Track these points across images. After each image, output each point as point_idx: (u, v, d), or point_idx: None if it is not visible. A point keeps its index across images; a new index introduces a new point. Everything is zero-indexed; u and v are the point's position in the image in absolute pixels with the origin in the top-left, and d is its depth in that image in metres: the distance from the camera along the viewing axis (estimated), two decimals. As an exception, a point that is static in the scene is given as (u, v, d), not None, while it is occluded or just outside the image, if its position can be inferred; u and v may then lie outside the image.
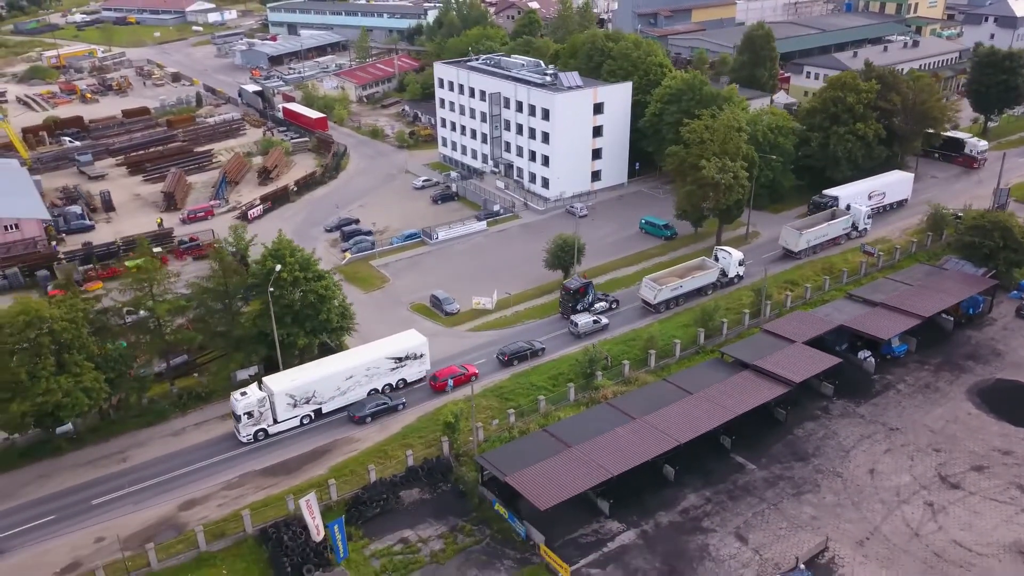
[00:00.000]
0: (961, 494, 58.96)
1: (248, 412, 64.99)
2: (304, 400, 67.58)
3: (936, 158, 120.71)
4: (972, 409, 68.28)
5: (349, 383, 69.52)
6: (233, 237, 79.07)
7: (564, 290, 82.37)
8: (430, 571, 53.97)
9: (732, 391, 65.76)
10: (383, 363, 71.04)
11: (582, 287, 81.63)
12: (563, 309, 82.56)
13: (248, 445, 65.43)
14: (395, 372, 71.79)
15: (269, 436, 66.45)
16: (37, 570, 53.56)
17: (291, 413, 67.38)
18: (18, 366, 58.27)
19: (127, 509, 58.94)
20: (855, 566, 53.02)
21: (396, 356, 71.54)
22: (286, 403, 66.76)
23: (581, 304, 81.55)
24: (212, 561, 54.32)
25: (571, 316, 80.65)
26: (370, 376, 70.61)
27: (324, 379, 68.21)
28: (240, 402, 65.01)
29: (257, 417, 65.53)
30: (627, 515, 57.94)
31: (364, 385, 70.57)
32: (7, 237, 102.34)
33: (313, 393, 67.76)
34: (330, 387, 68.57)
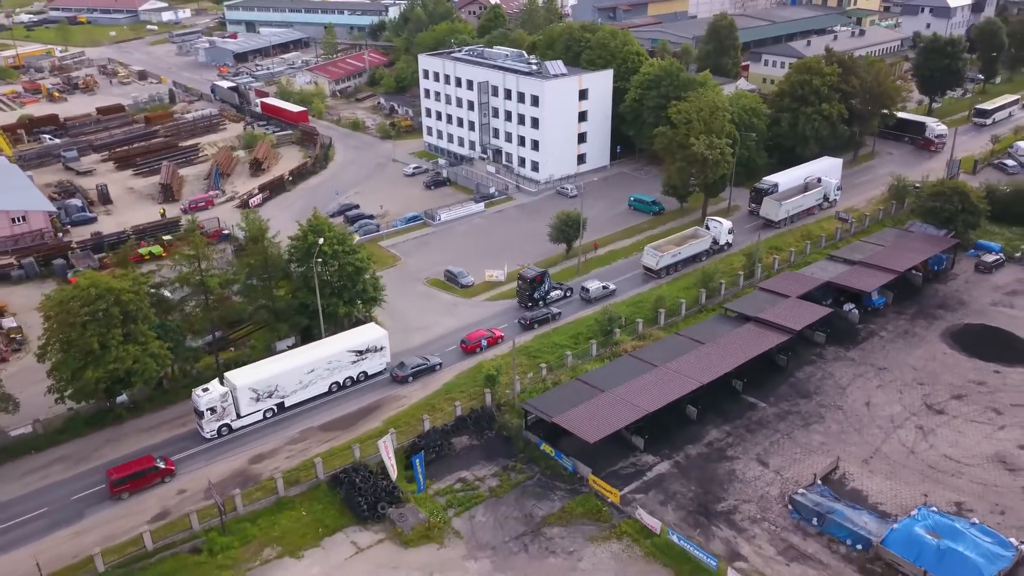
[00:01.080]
0: (946, 418, 67.37)
1: (211, 408, 65.24)
2: (267, 394, 68.22)
3: (906, 141, 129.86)
4: (947, 349, 77.11)
5: (311, 376, 70.23)
6: (246, 222, 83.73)
7: (521, 279, 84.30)
8: (491, 504, 59.87)
9: (739, 340, 73.15)
10: (344, 356, 71.73)
11: (538, 276, 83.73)
12: (520, 298, 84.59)
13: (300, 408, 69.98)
14: (356, 365, 72.51)
15: (233, 431, 66.83)
16: (131, 518, 57.80)
17: (254, 407, 67.76)
18: (90, 336, 62.04)
19: (199, 465, 63.42)
20: (863, 479, 60.78)
21: (357, 349, 72.27)
22: (249, 397, 67.21)
23: (538, 292, 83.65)
24: (291, 505, 59.25)
25: (583, 284, 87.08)
26: (331, 369, 71.32)
27: (286, 373, 68.92)
28: (202, 398, 65.19)
29: (220, 412, 65.80)
30: (659, 449, 64.70)
31: (326, 378, 71.25)
32: (15, 229, 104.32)
33: (276, 387, 68.47)
34: (292, 381, 69.29)
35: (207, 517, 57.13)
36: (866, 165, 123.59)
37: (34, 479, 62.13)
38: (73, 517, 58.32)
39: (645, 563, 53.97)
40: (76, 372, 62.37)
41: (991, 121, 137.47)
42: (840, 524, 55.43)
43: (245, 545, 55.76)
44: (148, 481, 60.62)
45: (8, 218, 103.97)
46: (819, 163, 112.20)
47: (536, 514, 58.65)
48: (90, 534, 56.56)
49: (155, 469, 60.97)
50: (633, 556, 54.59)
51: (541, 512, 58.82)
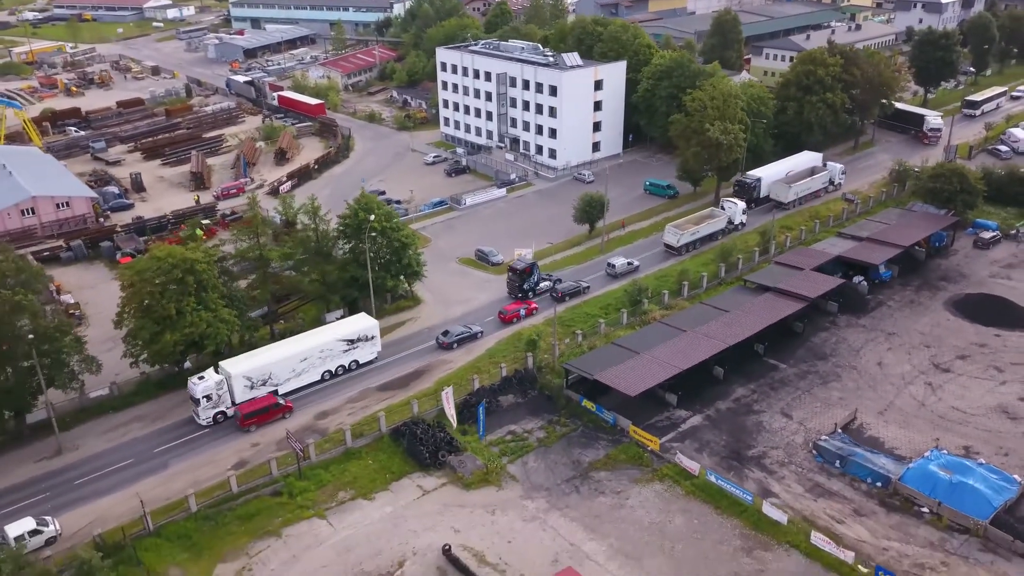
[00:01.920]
0: (952, 376, 73.37)
1: (207, 395, 66.68)
2: (261, 382, 69.59)
3: (899, 131, 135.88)
4: (950, 316, 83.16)
5: (304, 364, 71.81)
6: (282, 206, 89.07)
7: (511, 271, 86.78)
8: (541, 452, 65.37)
9: (760, 308, 78.91)
10: (336, 345, 73.22)
11: (528, 267, 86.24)
12: (510, 289, 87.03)
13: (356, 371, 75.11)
14: (347, 353, 74.09)
15: (228, 418, 68.34)
16: (212, 467, 63.06)
17: (249, 395, 69.13)
18: (168, 302, 67.13)
19: (266, 424, 68.65)
20: (879, 428, 66.65)
21: (348, 338, 73.93)
22: (243, 385, 68.58)
23: (527, 283, 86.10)
24: (358, 455, 64.53)
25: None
26: (324, 358, 72.83)
27: (280, 361, 70.47)
28: (199, 386, 66.51)
29: (216, 400, 67.20)
30: (691, 405, 70.35)
31: (318, 367, 72.79)
32: (59, 214, 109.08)
33: (269, 375, 69.92)
34: (286, 369, 70.82)
35: (283, 465, 62.40)
36: (867, 152, 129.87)
37: (116, 435, 67.28)
38: (159, 467, 63.52)
39: (686, 501, 59.58)
40: (155, 336, 67.46)
41: (980, 112, 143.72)
42: (861, 465, 61.25)
43: (320, 489, 61.04)
44: (271, 416, 68.34)
45: (53, 204, 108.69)
46: (799, 157, 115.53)
47: (583, 460, 64.20)
48: (177, 481, 61.75)
49: (277, 406, 68.84)
50: (675, 495, 60.20)
51: (587, 459, 64.38)
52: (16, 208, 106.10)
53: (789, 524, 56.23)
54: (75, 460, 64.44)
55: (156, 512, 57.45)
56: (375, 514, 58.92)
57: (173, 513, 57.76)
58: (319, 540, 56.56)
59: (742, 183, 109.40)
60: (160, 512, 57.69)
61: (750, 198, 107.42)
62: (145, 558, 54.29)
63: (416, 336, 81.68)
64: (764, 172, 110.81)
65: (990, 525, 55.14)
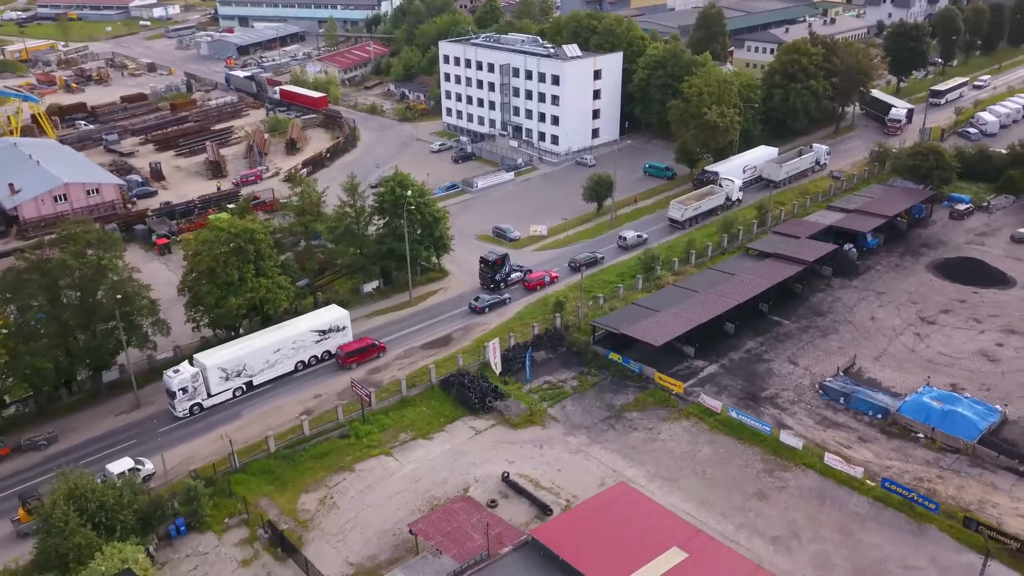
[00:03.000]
0: (937, 327, 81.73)
1: (183, 388, 67.78)
2: (236, 373, 70.73)
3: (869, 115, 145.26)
4: (932, 278, 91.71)
5: (277, 355, 73.05)
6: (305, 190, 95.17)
7: (483, 262, 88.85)
8: (576, 398, 72.51)
9: (763, 271, 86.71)
10: (308, 336, 74.67)
11: (499, 259, 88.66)
12: (482, 279, 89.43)
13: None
14: (320, 344, 75.63)
15: (204, 410, 69.59)
16: (280, 415, 69.53)
17: (224, 386, 70.26)
18: (231, 268, 73.18)
19: (327, 377, 75.08)
20: (876, 371, 74.72)
21: (320, 329, 75.42)
22: (219, 377, 69.66)
23: (499, 274, 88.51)
24: (413, 402, 71.17)
25: (620, 233, 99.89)
26: (296, 348, 74.05)
27: (254, 352, 71.63)
28: (174, 379, 67.50)
29: (191, 392, 68.28)
30: (707, 356, 77.91)
31: (291, 358, 73.98)
32: (90, 200, 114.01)
33: (244, 366, 71.04)
34: (260, 360, 71.90)
35: (348, 412, 68.83)
36: (847, 136, 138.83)
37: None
38: (232, 416, 69.69)
39: (712, 434, 67.03)
40: (220, 300, 73.43)
41: (944, 101, 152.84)
42: (863, 400, 69.21)
43: (383, 431, 67.57)
44: (368, 356, 76.98)
45: (84, 190, 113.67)
46: (756, 152, 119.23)
47: (615, 404, 71.43)
48: (251, 428, 68.00)
49: (373, 346, 77.37)
50: (701, 429, 67.63)
51: (619, 402, 71.62)
52: (49, 194, 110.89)
53: (804, 449, 63.91)
54: (153, 412, 70.43)
55: (240, 452, 63.64)
56: (435, 450, 65.66)
57: (255, 453, 64.02)
58: (389, 473, 63.17)
59: (700, 179, 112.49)
60: (243, 452, 63.90)
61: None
62: (237, 490, 60.50)
63: (448, 303, 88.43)
64: (722, 167, 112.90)
65: (978, 445, 63.30)
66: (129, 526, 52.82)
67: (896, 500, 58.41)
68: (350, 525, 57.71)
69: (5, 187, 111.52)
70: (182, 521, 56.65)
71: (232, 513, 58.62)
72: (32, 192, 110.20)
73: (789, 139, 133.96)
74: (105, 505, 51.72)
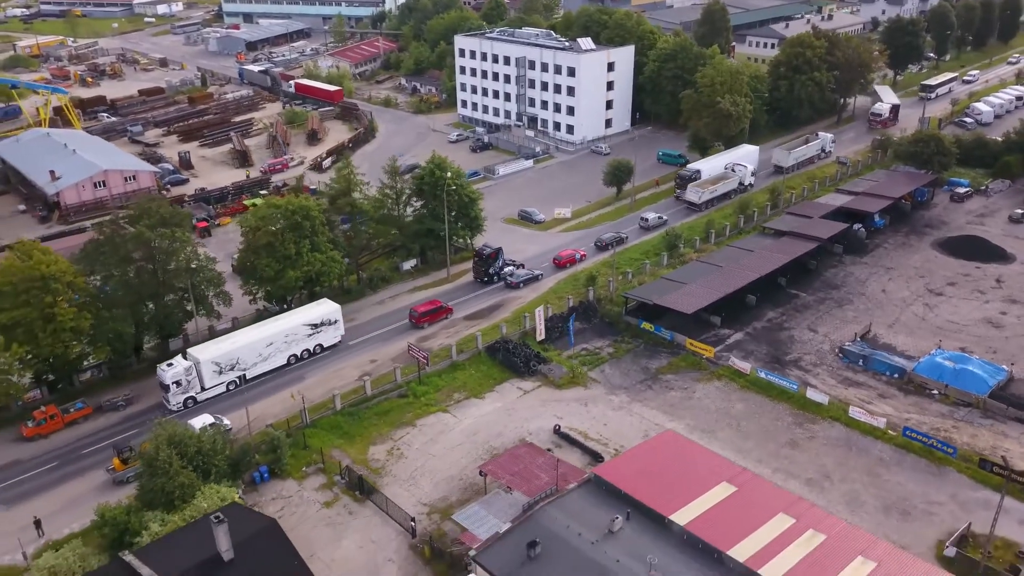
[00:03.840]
0: (944, 298, 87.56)
1: (176, 381, 68.42)
2: (229, 367, 71.20)
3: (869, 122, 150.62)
4: (938, 254, 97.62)
5: (270, 349, 73.61)
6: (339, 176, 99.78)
7: (477, 255, 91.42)
8: (613, 362, 77.74)
9: (781, 248, 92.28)
10: (300, 330, 75.38)
11: (493, 253, 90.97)
12: (476, 273, 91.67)
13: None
14: (312, 338, 76.48)
15: (198, 403, 70.12)
16: (340, 378, 74.48)
17: (217, 380, 70.82)
18: (289, 243, 77.92)
19: (379, 344, 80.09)
20: (890, 337, 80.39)
21: (312, 323, 76.24)
22: (212, 370, 70.27)
23: (493, 268, 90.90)
24: (462, 367, 76.19)
25: (642, 215, 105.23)
26: (289, 342, 74.82)
27: (247, 346, 72.26)
28: (167, 372, 68.15)
29: (185, 385, 68.94)
30: (732, 325, 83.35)
31: (284, 351, 74.63)
32: (127, 187, 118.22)
33: (237, 360, 71.59)
34: (253, 354, 72.51)
35: (403, 375, 73.76)
36: (849, 125, 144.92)
37: (246, 359, 78.02)
38: (297, 379, 74.50)
39: (742, 393, 72.43)
40: (278, 273, 78.13)
41: (935, 95, 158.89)
42: (880, 361, 74.83)
43: (438, 391, 72.61)
44: (438, 316, 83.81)
45: (122, 177, 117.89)
46: (738, 151, 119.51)
47: (651, 367, 76.73)
48: (316, 389, 72.79)
49: (443, 307, 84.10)
50: (732, 389, 73.03)
51: (654, 366, 76.93)
52: (89, 181, 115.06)
53: (830, 404, 69.43)
54: (218, 378, 75.07)
55: (308, 410, 68.40)
56: (488, 408, 70.74)
57: (322, 411, 68.85)
58: (448, 427, 68.18)
59: (682, 176, 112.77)
60: (312, 410, 68.67)
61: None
62: (311, 442, 65.32)
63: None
64: (703, 165, 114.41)
65: (988, 399, 69.01)
66: (221, 471, 57.58)
67: (916, 447, 63.99)
68: (419, 472, 62.70)
69: (46, 174, 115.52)
70: (265, 469, 61.46)
71: (309, 462, 63.44)
72: (73, 179, 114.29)
73: (793, 129, 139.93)
74: (202, 450, 56.49)
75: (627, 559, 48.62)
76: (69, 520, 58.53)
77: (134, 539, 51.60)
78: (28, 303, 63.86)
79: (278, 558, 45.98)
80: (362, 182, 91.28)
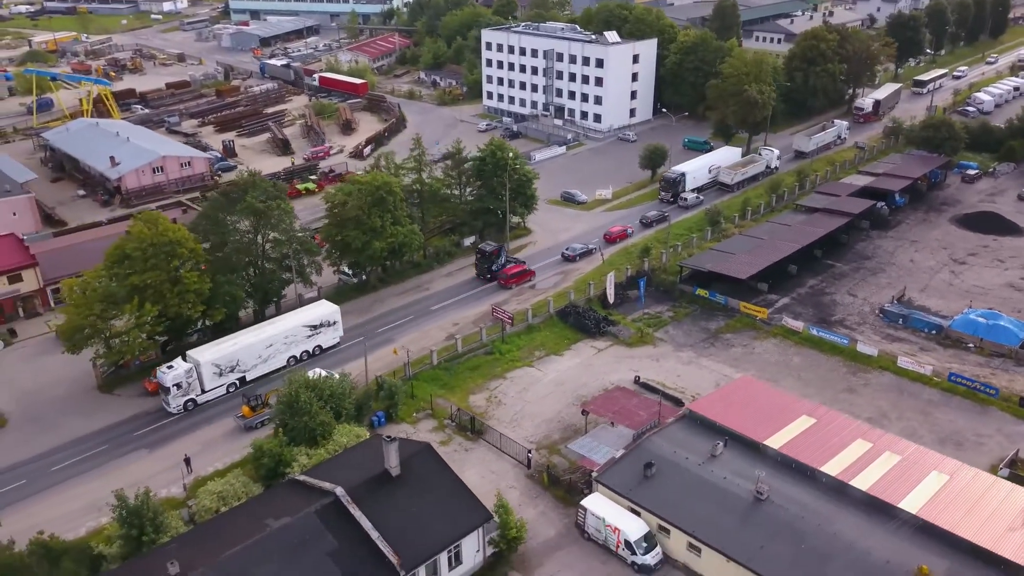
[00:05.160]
0: (967, 266, 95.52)
1: (177, 383, 68.02)
2: (229, 369, 70.98)
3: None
4: (956, 229, 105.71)
5: (270, 351, 73.42)
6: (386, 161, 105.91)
7: (480, 253, 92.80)
8: (675, 324, 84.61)
9: (815, 223, 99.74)
10: (300, 331, 75.31)
11: (495, 250, 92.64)
12: (478, 270, 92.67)
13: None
14: (311, 339, 76.36)
15: (198, 405, 70.10)
16: (428, 339, 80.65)
17: (218, 382, 70.51)
18: (375, 216, 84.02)
19: (458, 309, 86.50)
20: (924, 299, 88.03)
21: (311, 324, 76.29)
22: (212, 372, 69.97)
23: (495, 265, 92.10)
24: (538, 329, 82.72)
25: (675, 195, 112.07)
26: (288, 344, 74.70)
27: (247, 348, 72.06)
28: (168, 375, 67.69)
29: (186, 388, 68.57)
30: (777, 291, 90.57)
31: (284, 352, 74.53)
32: (183, 172, 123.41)
33: (237, 362, 71.43)
34: (252, 355, 72.40)
35: (488, 335, 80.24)
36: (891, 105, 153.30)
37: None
38: (386, 341, 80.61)
39: (797, 348, 79.62)
40: (365, 244, 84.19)
41: (926, 90, 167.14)
42: (919, 319, 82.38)
43: (520, 350, 79.08)
44: (524, 278, 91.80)
45: (178, 163, 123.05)
46: (719, 153, 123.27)
47: (710, 328, 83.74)
48: (382, 349, 78.94)
49: (528, 270, 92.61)
50: (787, 345, 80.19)
51: (713, 327, 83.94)
52: (149, 166, 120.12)
53: (879, 356, 76.81)
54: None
55: (412, 363, 74.71)
56: (568, 363, 77.37)
57: (419, 366, 75.08)
58: (536, 379, 74.70)
59: (667, 179, 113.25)
60: (413, 364, 74.88)
61: (675, 193, 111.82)
62: (417, 392, 71.57)
63: (541, 253, 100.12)
64: (688, 167, 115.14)
65: (1020, 349, 76.73)
66: (349, 413, 63.67)
67: (961, 390, 71.52)
68: (519, 415, 69.18)
69: (104, 161, 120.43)
70: (382, 414, 67.60)
71: (418, 409, 69.68)
72: (133, 164, 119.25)
73: (806, 118, 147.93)
74: (334, 394, 62.56)
75: (732, 476, 55.60)
76: (211, 460, 64.47)
77: (285, 469, 57.59)
78: (157, 267, 69.42)
79: (436, 474, 52.34)
80: (429, 163, 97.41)
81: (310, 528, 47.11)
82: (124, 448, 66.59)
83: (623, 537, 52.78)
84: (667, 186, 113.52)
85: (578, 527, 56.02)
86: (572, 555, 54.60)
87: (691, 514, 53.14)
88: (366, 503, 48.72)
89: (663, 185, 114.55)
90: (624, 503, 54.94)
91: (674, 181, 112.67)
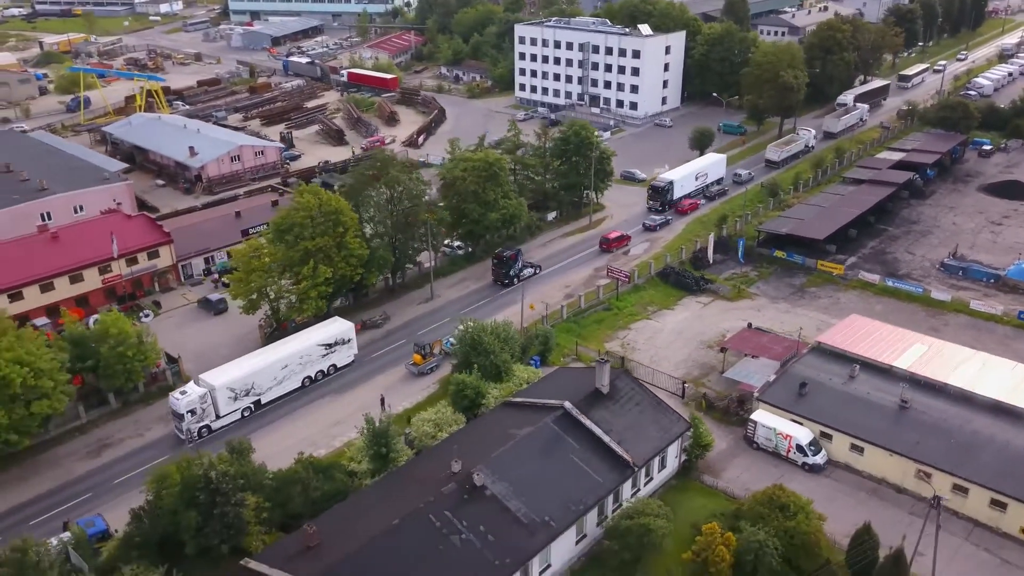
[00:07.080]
0: (1003, 227, 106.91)
1: (191, 410, 65.91)
2: (244, 392, 69.10)
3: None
4: (985, 196, 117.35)
5: (285, 372, 71.52)
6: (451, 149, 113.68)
7: (496, 257, 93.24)
8: (763, 282, 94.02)
9: (865, 192, 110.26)
10: (315, 350, 73.44)
11: (513, 254, 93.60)
12: (495, 275, 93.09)
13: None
14: (326, 358, 74.50)
15: (213, 431, 67.66)
16: (546, 297, 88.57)
17: (232, 407, 68.61)
18: (490, 191, 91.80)
19: (565, 273, 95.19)
20: (974, 255, 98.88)
21: (326, 343, 74.24)
22: (227, 397, 68.02)
23: (513, 269, 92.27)
24: (643, 288, 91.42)
25: (663, 204, 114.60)
26: (303, 364, 72.79)
27: (262, 370, 70.02)
28: (181, 401, 65.60)
29: (200, 414, 66.45)
30: (844, 251, 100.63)
31: (299, 373, 72.59)
32: (257, 160, 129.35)
33: (252, 385, 69.56)
34: (267, 377, 70.40)
35: (596, 295, 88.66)
36: (871, 101, 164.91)
37: (458, 289, 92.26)
38: (512, 302, 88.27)
39: (876, 298, 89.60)
40: (482, 215, 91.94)
41: (911, 84, 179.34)
42: (977, 270, 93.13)
43: (633, 305, 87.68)
44: (622, 243, 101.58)
45: (253, 152, 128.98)
46: (706, 159, 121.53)
47: (795, 284, 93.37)
48: (511, 308, 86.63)
49: (624, 236, 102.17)
50: (866, 295, 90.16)
51: (797, 283, 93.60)
52: (227, 155, 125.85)
53: (952, 300, 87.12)
54: (444, 303, 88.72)
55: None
56: (681, 316, 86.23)
57: (554, 320, 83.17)
58: (657, 329, 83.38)
59: (655, 188, 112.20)
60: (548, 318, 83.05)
61: (663, 201, 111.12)
62: (560, 340, 79.63)
63: (620, 225, 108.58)
64: (675, 175, 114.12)
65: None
66: (516, 356, 71.57)
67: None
68: (657, 357, 77.77)
69: (183, 151, 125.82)
70: (536, 358, 75.50)
71: (564, 354, 77.78)
72: (213, 154, 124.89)
73: (823, 104, 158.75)
74: (508, 338, 70.43)
75: (874, 392, 64.98)
76: (397, 400, 71.79)
77: (481, 400, 65.33)
78: (325, 233, 76.34)
79: (637, 392, 60.70)
80: (523, 143, 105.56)
81: (550, 435, 55.08)
82: (313, 394, 73.62)
83: (795, 442, 61.75)
84: (655, 195, 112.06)
85: (746, 439, 64.85)
86: (747, 460, 63.45)
87: (848, 421, 62.34)
88: (589, 414, 56.82)
89: (651, 194, 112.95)
90: (787, 416, 63.92)
91: (662, 189, 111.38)
